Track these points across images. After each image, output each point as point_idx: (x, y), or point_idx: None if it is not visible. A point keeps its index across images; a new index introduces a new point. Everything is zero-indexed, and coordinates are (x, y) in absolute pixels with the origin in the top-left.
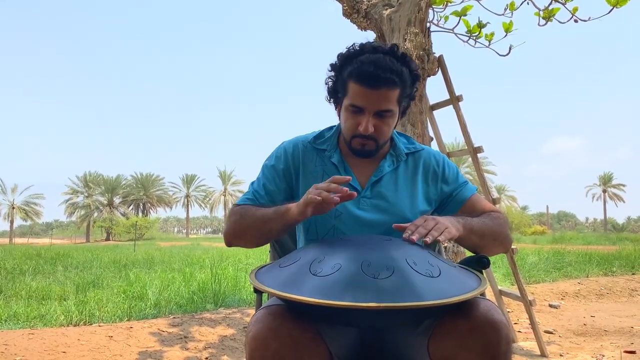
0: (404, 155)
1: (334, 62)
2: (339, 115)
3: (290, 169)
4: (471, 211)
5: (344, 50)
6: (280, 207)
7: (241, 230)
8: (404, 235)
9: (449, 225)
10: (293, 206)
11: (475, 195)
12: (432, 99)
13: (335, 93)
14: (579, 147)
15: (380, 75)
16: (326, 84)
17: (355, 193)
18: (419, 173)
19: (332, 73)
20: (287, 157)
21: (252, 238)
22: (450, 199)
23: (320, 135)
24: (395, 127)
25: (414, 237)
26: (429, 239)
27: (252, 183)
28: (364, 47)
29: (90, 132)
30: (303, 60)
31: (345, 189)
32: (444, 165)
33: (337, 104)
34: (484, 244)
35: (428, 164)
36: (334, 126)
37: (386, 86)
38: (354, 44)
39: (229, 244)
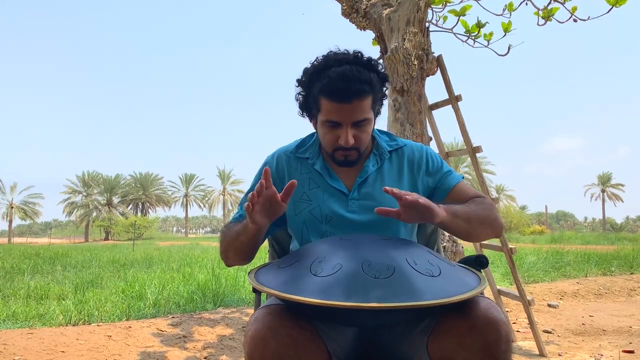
0: (387, 153)
1: (300, 78)
2: (316, 128)
3: (275, 182)
4: (457, 199)
5: (308, 65)
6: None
7: (225, 248)
8: (385, 188)
9: (434, 205)
10: None
11: (461, 184)
12: (431, 99)
13: (309, 109)
14: (578, 147)
15: (351, 89)
16: (297, 99)
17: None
18: (404, 168)
19: (301, 89)
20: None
21: (234, 255)
22: (435, 190)
23: (302, 144)
24: (375, 127)
25: (396, 191)
26: (409, 197)
27: (240, 203)
28: (329, 61)
29: (89, 131)
30: (303, 60)
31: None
32: (427, 157)
33: (312, 119)
34: (472, 228)
35: (412, 159)
36: (316, 132)
37: (358, 97)
38: (317, 57)
39: (226, 265)
